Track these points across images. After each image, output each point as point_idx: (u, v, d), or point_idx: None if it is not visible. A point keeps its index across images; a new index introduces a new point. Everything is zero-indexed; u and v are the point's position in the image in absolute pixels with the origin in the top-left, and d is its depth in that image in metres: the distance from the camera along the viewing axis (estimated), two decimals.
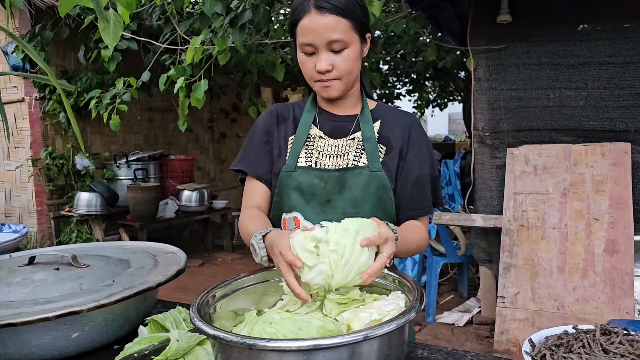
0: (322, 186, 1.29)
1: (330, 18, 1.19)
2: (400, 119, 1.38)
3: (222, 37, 3.48)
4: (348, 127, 1.36)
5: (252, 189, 1.38)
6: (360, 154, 1.31)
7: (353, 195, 1.28)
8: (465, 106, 9.19)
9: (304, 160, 1.32)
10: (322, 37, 1.20)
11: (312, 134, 1.36)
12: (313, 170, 1.30)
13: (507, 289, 3.18)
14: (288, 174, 1.31)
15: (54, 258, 1.37)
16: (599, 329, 0.84)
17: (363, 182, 1.28)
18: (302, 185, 1.29)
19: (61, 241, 5.63)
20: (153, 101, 6.69)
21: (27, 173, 5.72)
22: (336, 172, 1.29)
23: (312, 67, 1.25)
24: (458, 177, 6.03)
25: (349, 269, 0.92)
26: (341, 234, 0.93)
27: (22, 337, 1.06)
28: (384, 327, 0.79)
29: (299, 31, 1.24)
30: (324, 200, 1.28)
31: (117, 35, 1.79)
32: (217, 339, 0.81)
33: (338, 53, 1.23)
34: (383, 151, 1.33)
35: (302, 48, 1.25)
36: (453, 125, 21.89)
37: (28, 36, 4.75)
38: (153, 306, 1.35)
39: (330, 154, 1.32)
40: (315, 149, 1.33)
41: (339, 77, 1.26)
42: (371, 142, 1.32)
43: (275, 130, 1.40)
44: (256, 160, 1.38)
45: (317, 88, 1.30)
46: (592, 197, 3.16)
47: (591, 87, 3.38)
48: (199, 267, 5.77)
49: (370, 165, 1.29)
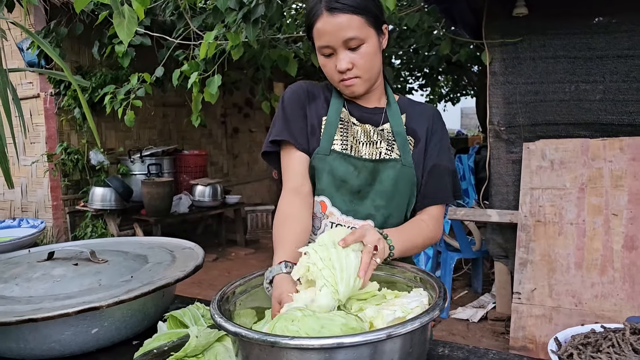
0: (355, 175, 1.27)
1: (343, 17, 1.19)
2: (424, 111, 1.38)
3: (235, 32, 3.47)
4: (376, 119, 1.35)
5: (296, 161, 1.29)
6: (391, 146, 1.31)
7: (384, 187, 1.27)
8: (478, 100, 9.11)
9: (339, 145, 1.29)
10: (337, 37, 1.20)
11: (344, 118, 1.34)
12: (349, 158, 1.28)
13: (523, 285, 3.15)
14: (322, 157, 1.28)
15: (73, 253, 1.37)
16: (628, 328, 0.82)
17: (394, 176, 1.28)
18: (335, 171, 1.27)
19: (76, 236, 5.68)
20: (167, 96, 6.71)
21: (43, 168, 5.77)
22: (370, 163, 1.28)
23: (333, 68, 1.25)
24: (472, 172, 5.98)
25: (348, 274, 0.92)
26: (321, 250, 0.94)
27: (43, 332, 1.07)
28: (407, 326, 0.78)
29: (315, 35, 1.24)
30: (355, 190, 1.27)
31: (132, 31, 1.79)
32: (238, 336, 0.80)
33: (356, 50, 1.22)
34: (412, 143, 1.33)
35: (320, 51, 1.25)
36: (465, 119, 21.76)
37: (43, 32, 4.77)
38: (171, 302, 1.35)
39: (363, 140, 1.31)
40: (350, 134, 1.31)
41: (360, 75, 1.25)
42: (401, 135, 1.32)
43: (307, 106, 1.35)
44: (299, 133, 1.31)
45: (341, 88, 1.30)
46: (611, 193, 3.11)
47: (609, 80, 3.33)
48: (213, 262, 5.80)
49: (403, 159, 1.29)
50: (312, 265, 0.93)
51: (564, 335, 0.91)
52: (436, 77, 11.83)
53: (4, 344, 1.09)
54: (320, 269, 0.92)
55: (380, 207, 1.26)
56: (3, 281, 1.22)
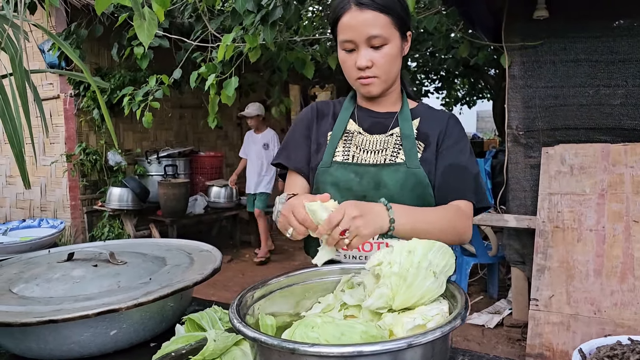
0: (357, 181, 1.28)
1: (370, 14, 1.19)
2: (439, 116, 1.37)
3: (252, 35, 3.49)
4: (387, 124, 1.35)
5: (292, 183, 1.39)
6: (397, 150, 1.30)
7: (389, 191, 1.26)
8: (495, 104, 9.03)
9: (341, 155, 1.31)
10: (362, 33, 1.20)
11: (351, 130, 1.36)
12: (350, 165, 1.29)
13: (540, 292, 3.10)
14: (324, 170, 1.31)
15: (92, 254, 1.38)
16: None
17: (400, 179, 1.26)
18: (339, 180, 1.29)
19: (94, 235, 5.74)
20: (184, 98, 6.76)
21: (62, 168, 5.85)
22: (372, 168, 1.28)
23: (353, 65, 1.25)
24: (489, 177, 5.91)
25: (412, 293, 0.89)
26: (405, 255, 0.91)
27: (62, 333, 1.07)
28: (428, 335, 0.77)
29: (340, 28, 1.24)
30: (360, 196, 1.27)
31: (152, 33, 1.80)
32: (257, 342, 0.80)
33: (378, 49, 1.22)
34: (422, 148, 1.31)
35: (342, 45, 1.25)
36: (481, 123, 21.58)
37: (64, 34, 4.84)
38: (188, 304, 1.35)
39: (368, 149, 1.31)
40: (353, 143, 1.33)
41: (379, 75, 1.25)
42: (409, 139, 1.30)
43: (314, 125, 1.40)
44: (295, 154, 1.38)
45: (357, 85, 1.30)
46: (632, 199, 3.05)
47: (631, 84, 3.27)
48: (228, 263, 5.82)
49: (408, 162, 1.27)
50: (386, 263, 0.91)
51: (588, 347, 0.89)
52: (452, 80, 11.77)
53: (24, 344, 1.10)
54: (392, 273, 0.89)
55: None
56: (24, 281, 1.23)
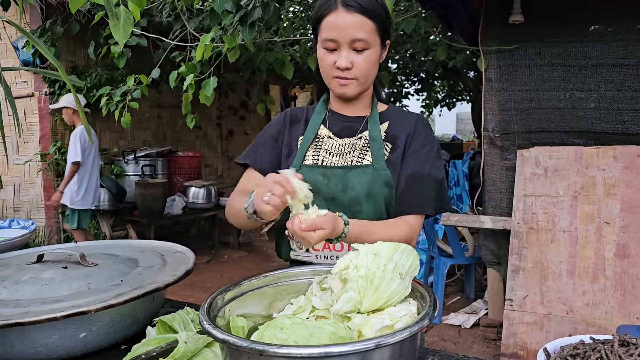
0: (325, 183, 1.29)
1: (357, 17, 1.22)
2: (408, 118, 1.39)
3: (231, 35, 3.47)
4: (356, 127, 1.37)
5: (249, 179, 1.39)
6: (365, 152, 1.32)
7: (356, 193, 1.28)
8: (474, 106, 9.15)
9: (311, 159, 1.33)
10: (347, 35, 1.22)
11: (321, 134, 1.38)
12: (318, 168, 1.31)
13: (515, 292, 3.15)
14: None
15: (63, 256, 1.36)
16: (617, 340, 0.82)
17: (366, 181, 1.28)
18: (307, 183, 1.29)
19: (68, 236, 5.65)
20: (162, 98, 6.70)
21: (36, 168, 5.75)
22: (339, 170, 1.30)
23: (331, 63, 1.26)
24: (466, 178, 6.00)
25: (379, 296, 0.90)
26: (372, 259, 0.92)
27: (30, 336, 1.05)
28: (396, 335, 0.78)
29: (324, 26, 1.26)
30: (328, 198, 1.28)
31: (127, 32, 1.78)
32: (226, 344, 0.80)
33: (359, 52, 1.25)
34: (389, 149, 1.33)
35: (324, 43, 1.26)
36: (461, 125, 21.81)
37: (38, 31, 4.75)
38: (161, 306, 1.34)
39: (336, 152, 1.34)
40: (322, 148, 1.35)
41: (357, 77, 1.27)
42: (377, 141, 1.32)
43: (286, 131, 1.42)
44: (261, 155, 1.41)
45: (334, 85, 1.31)
46: (603, 201, 3.12)
47: (604, 89, 3.34)
48: (206, 264, 5.78)
49: (375, 164, 1.29)
50: (353, 267, 0.92)
51: (553, 346, 0.91)
52: (432, 82, 11.88)
53: None
54: (358, 277, 0.91)
55: (356, 212, 1.26)
56: None
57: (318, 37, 1.29)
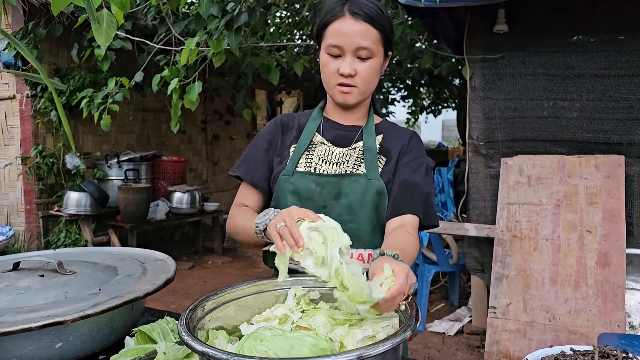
0: (318, 191, 1.29)
1: (363, 25, 1.23)
2: (402, 133, 1.40)
3: (217, 39, 3.45)
4: (351, 137, 1.37)
5: (245, 193, 1.41)
6: (359, 162, 1.32)
7: (349, 201, 1.28)
8: (459, 113, 9.22)
9: (304, 166, 1.33)
10: (352, 42, 1.23)
11: (315, 141, 1.37)
12: (311, 175, 1.31)
13: (498, 300, 3.17)
14: (286, 178, 1.32)
15: (39, 264, 1.33)
16: (597, 351, 0.82)
17: (360, 190, 1.28)
18: (299, 190, 1.30)
19: (49, 241, 5.55)
20: (146, 101, 6.64)
21: (17, 171, 5.64)
22: (333, 178, 1.30)
23: (334, 70, 1.27)
24: (451, 185, 6.03)
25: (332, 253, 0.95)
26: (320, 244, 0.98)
27: (3, 346, 1.02)
28: (378, 347, 0.77)
29: (329, 33, 1.26)
30: (320, 205, 1.28)
31: (110, 35, 1.75)
32: (205, 356, 0.78)
33: (363, 61, 1.26)
34: (383, 162, 1.34)
35: (328, 49, 1.27)
36: (446, 132, 21.98)
37: (21, 33, 4.68)
38: (140, 315, 1.32)
39: (330, 160, 1.33)
40: (316, 154, 1.34)
41: (359, 86, 1.28)
42: (372, 152, 1.33)
43: (279, 139, 1.41)
44: (254, 167, 1.39)
45: (335, 92, 1.31)
46: (586, 209, 3.15)
47: (586, 98, 3.38)
48: (189, 270, 5.72)
49: (368, 174, 1.29)
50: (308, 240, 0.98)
51: (534, 357, 0.90)
52: (418, 89, 11.97)
53: None
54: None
55: (347, 221, 1.26)
56: None
57: (322, 43, 1.29)
